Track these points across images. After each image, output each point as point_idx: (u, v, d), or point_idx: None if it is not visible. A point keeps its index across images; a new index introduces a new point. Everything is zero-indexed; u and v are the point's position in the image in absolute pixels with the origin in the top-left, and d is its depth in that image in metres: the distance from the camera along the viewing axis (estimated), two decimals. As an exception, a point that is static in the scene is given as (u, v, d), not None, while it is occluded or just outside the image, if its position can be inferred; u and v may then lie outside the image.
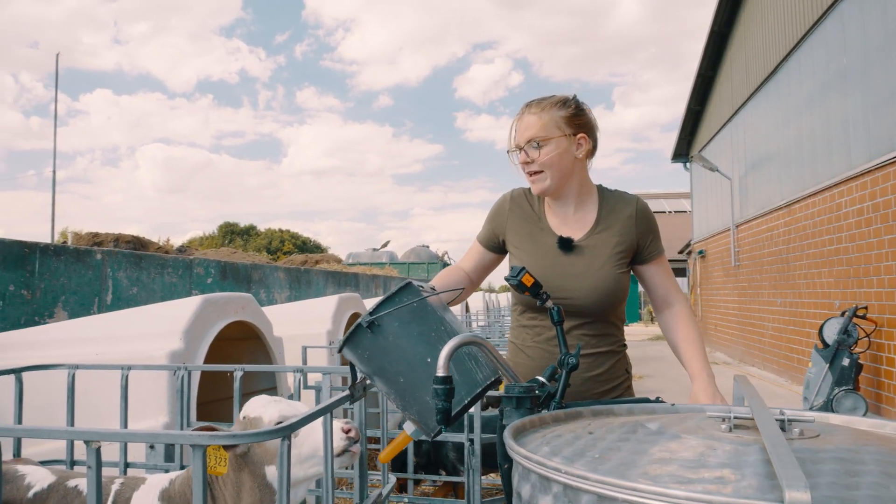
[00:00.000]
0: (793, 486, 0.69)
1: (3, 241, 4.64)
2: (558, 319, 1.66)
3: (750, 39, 12.54)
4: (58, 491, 2.12)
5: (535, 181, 1.93)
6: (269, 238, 43.45)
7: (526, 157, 1.90)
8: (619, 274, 1.92)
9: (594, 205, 2.00)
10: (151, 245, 15.46)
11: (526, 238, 2.01)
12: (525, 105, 1.95)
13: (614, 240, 1.94)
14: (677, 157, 18.99)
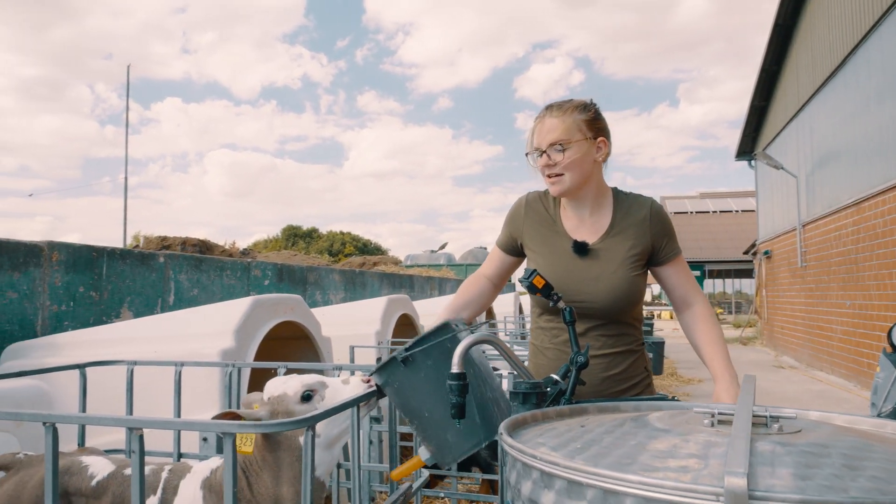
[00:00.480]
0: (732, 473, 0.73)
1: (73, 246, 4.94)
2: (570, 319, 1.71)
3: (816, 32, 12.10)
4: (116, 479, 2.27)
5: (554, 183, 1.95)
6: (330, 240, 44.29)
7: (548, 159, 1.93)
8: (633, 276, 1.94)
9: (609, 208, 2.03)
10: (216, 248, 16.01)
11: (542, 242, 2.05)
12: (546, 108, 1.98)
13: (629, 243, 1.96)
14: (741, 154, 18.46)
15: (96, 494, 2.23)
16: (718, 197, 37.25)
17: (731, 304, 34.17)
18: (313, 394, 2.10)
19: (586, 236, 1.99)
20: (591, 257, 1.96)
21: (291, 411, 2.08)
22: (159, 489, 2.25)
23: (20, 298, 4.59)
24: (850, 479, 0.80)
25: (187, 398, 3.11)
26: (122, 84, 22.08)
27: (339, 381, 2.14)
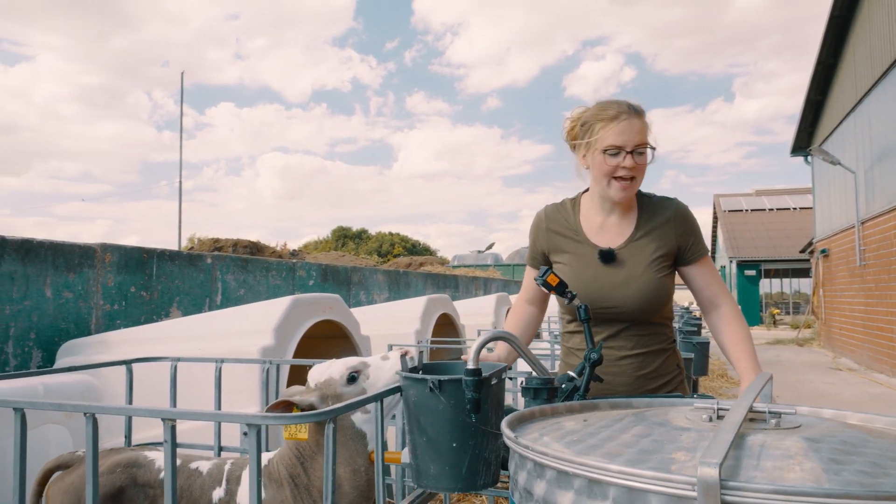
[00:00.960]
0: (706, 463, 0.73)
1: (125, 248, 5.14)
2: (585, 317, 1.71)
3: (874, 23, 11.67)
4: (182, 472, 2.38)
5: (626, 188, 1.90)
6: (379, 241, 44.75)
7: (633, 162, 1.87)
8: (660, 278, 1.94)
9: (634, 211, 2.02)
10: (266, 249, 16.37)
11: (566, 252, 2.04)
12: (629, 107, 1.90)
13: (654, 245, 1.95)
14: (797, 150, 17.92)
15: (162, 486, 2.32)
16: (775, 194, 36.22)
17: (788, 305, 33.17)
18: (358, 374, 2.17)
19: (610, 240, 1.99)
20: (616, 263, 1.95)
21: (340, 394, 2.15)
22: (223, 480, 2.36)
23: (75, 298, 4.80)
24: (833, 472, 0.80)
25: (228, 393, 3.21)
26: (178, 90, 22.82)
27: (378, 359, 2.21)
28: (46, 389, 3.29)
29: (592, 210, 2.04)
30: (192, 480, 2.36)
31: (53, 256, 4.67)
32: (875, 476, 0.78)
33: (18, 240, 4.43)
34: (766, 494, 0.72)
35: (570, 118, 2.05)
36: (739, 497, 0.73)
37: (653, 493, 0.80)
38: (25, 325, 4.45)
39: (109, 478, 2.33)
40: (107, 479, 2.33)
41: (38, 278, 4.56)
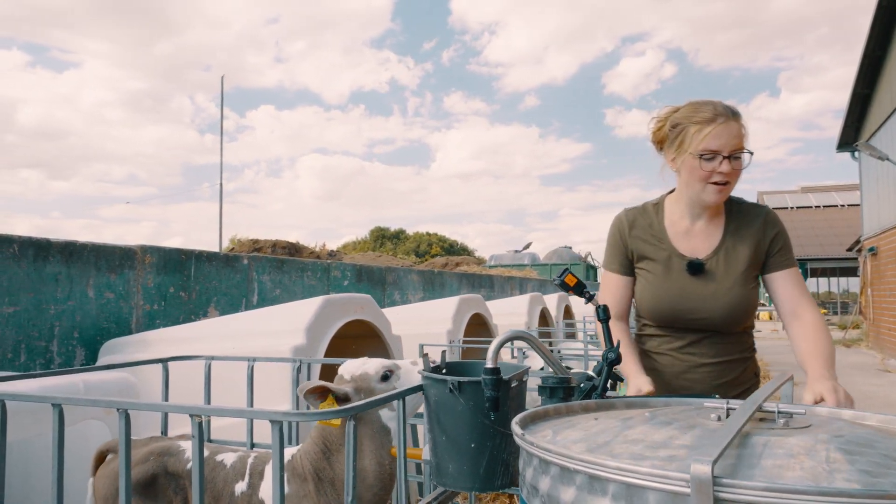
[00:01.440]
0: (699, 460, 0.74)
1: (164, 249, 5.28)
2: (603, 317, 1.70)
3: (922, 13, 11.30)
4: (208, 464, 2.45)
5: (721, 191, 1.84)
6: (417, 241, 44.94)
7: (730, 167, 1.80)
8: (749, 290, 1.90)
9: (722, 216, 1.95)
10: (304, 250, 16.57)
11: (650, 261, 1.99)
12: (725, 108, 1.84)
13: (742, 255, 1.90)
14: (843, 146, 17.46)
15: (189, 476, 2.40)
16: (821, 191, 35.33)
17: (836, 305, 32.30)
18: (391, 374, 2.25)
19: (697, 247, 1.93)
20: (705, 275, 1.90)
21: (372, 389, 2.22)
22: (246, 474, 2.43)
23: (116, 298, 4.94)
24: (833, 471, 0.79)
25: (261, 391, 3.28)
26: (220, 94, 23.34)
27: (409, 363, 2.29)
28: (86, 386, 3.40)
29: (678, 214, 1.98)
30: (216, 472, 2.42)
31: (96, 258, 4.82)
32: (876, 475, 0.77)
33: (62, 242, 4.58)
34: (758, 492, 0.71)
35: (657, 118, 1.97)
36: (732, 494, 0.73)
37: (650, 490, 0.80)
38: (69, 325, 4.61)
39: (143, 466, 2.42)
40: (140, 467, 2.42)
41: (81, 279, 4.71)
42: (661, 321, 1.98)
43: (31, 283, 4.31)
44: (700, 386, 1.93)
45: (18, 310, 4.22)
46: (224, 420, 3.54)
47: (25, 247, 4.27)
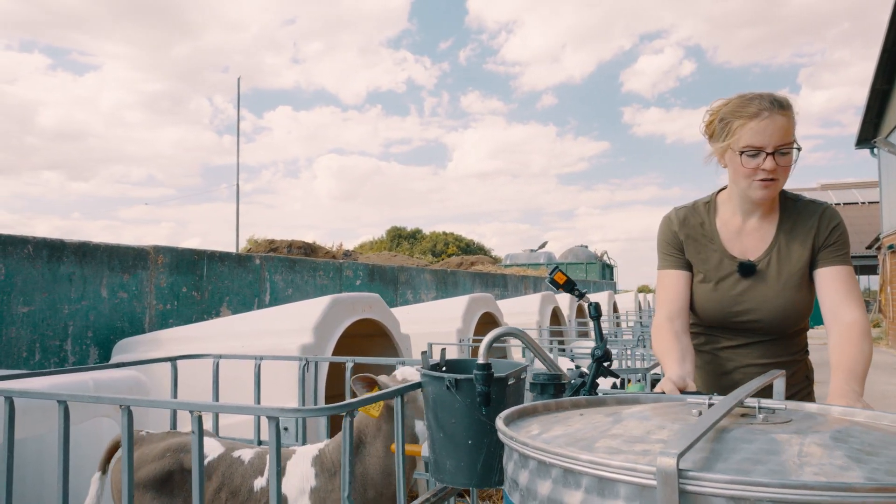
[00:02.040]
0: (666, 453, 0.74)
1: (176, 250, 5.34)
2: (594, 315, 1.69)
3: (941, 7, 11.14)
4: (225, 460, 2.50)
5: (768, 187, 1.75)
6: (433, 241, 44.95)
7: (774, 164, 1.72)
8: (803, 293, 1.83)
9: (776, 213, 1.89)
10: (320, 250, 16.64)
11: (701, 262, 1.92)
12: (771, 102, 1.74)
13: (795, 255, 1.83)
14: (862, 142, 17.26)
15: (206, 474, 2.44)
16: (841, 188, 34.93)
17: (855, 304, 31.81)
18: None
19: (749, 246, 1.88)
20: (757, 276, 1.85)
21: (416, 397, 2.33)
22: (266, 471, 2.46)
23: (129, 298, 5.01)
24: (804, 465, 0.79)
25: (268, 389, 3.31)
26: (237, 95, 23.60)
27: None
28: (96, 384, 3.45)
29: (730, 212, 1.92)
30: (234, 468, 2.46)
31: (109, 258, 4.88)
32: (845, 469, 0.77)
33: (76, 243, 4.65)
34: (722, 484, 0.72)
35: (709, 111, 1.89)
36: (697, 486, 0.73)
37: (620, 483, 0.80)
38: (83, 324, 4.67)
39: (159, 462, 2.46)
40: (157, 464, 2.46)
41: (95, 279, 4.77)
42: (710, 323, 1.92)
43: (45, 283, 4.37)
44: None
45: (33, 309, 4.29)
46: (232, 418, 3.58)
47: (40, 247, 4.34)
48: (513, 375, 1.64)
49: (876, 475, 0.74)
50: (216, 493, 2.42)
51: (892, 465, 0.78)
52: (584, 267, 25.68)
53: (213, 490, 2.42)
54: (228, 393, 3.54)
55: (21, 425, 2.47)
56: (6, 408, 1.98)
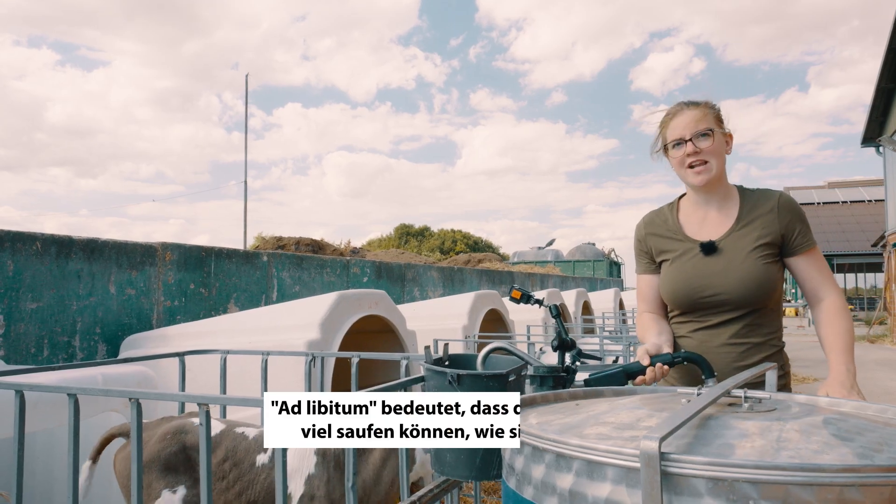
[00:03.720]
0: (649, 437, 0.78)
1: (184, 247, 5.39)
2: (556, 314, 1.79)
3: (948, 4, 11.10)
4: (229, 435, 2.62)
5: (700, 172, 1.98)
6: (441, 238, 44.99)
7: (694, 147, 1.97)
8: (763, 265, 1.94)
9: (736, 202, 2.06)
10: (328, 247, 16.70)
11: (669, 252, 2.09)
12: (678, 104, 2.05)
13: (756, 233, 1.97)
14: (867, 140, 17.21)
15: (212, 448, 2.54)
16: (848, 186, 34.79)
17: (863, 300, 31.79)
18: None
19: (711, 232, 2.03)
20: (718, 253, 1.99)
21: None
22: (270, 448, 2.56)
23: (137, 295, 5.07)
24: (781, 449, 0.83)
25: (275, 384, 3.36)
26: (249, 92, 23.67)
27: None
28: (105, 379, 3.50)
29: (691, 207, 2.11)
30: (238, 442, 2.58)
31: (117, 255, 4.94)
32: (819, 452, 0.81)
33: (84, 239, 4.71)
34: (701, 466, 0.76)
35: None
36: (678, 468, 0.77)
37: (608, 466, 0.85)
38: (91, 320, 4.73)
39: (160, 445, 2.55)
40: (159, 446, 2.55)
41: (103, 276, 4.83)
42: (682, 304, 2.05)
43: (53, 279, 4.43)
44: (721, 367, 1.96)
45: (42, 305, 4.35)
46: (240, 413, 3.63)
47: (48, 244, 4.40)
48: (513, 372, 1.69)
49: (846, 458, 0.78)
50: (220, 463, 2.54)
51: (864, 449, 0.82)
52: (592, 264, 25.68)
53: (218, 461, 2.54)
54: (235, 388, 3.60)
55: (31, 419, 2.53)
56: (17, 401, 2.03)
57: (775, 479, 0.72)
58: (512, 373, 1.69)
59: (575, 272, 23.77)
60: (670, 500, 0.78)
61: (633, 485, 0.82)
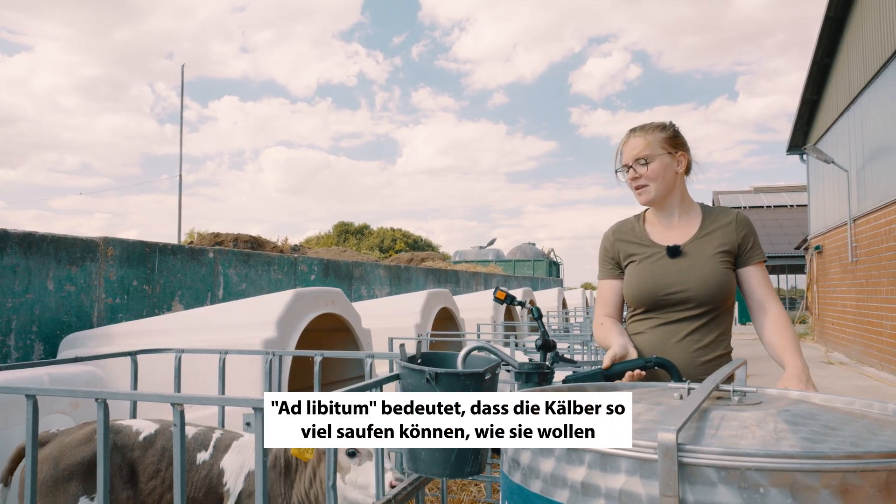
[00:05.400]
0: (665, 429, 0.84)
1: (127, 242, 5.23)
2: (538, 316, 1.87)
3: (867, 24, 11.78)
4: (164, 434, 2.56)
5: (641, 193, 2.19)
6: (381, 237, 44.76)
7: (634, 173, 2.18)
8: (724, 269, 2.12)
9: (698, 215, 2.25)
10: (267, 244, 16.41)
11: (636, 255, 2.25)
12: (630, 131, 2.25)
13: (717, 241, 2.16)
14: (793, 148, 18.05)
15: (145, 446, 2.52)
16: (773, 192, 36.33)
17: (785, 301, 33.33)
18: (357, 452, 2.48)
19: (676, 240, 2.20)
20: (682, 255, 2.16)
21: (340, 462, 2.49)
22: (210, 446, 2.55)
23: (77, 291, 4.89)
24: (781, 439, 0.90)
25: (231, 384, 3.31)
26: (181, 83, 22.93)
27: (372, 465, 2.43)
28: (52, 379, 3.38)
29: (656, 218, 2.28)
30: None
31: (56, 250, 4.76)
32: (815, 441, 0.88)
33: (21, 233, 4.52)
34: (717, 456, 0.82)
35: None
36: (694, 458, 0.83)
37: (622, 458, 0.90)
38: (27, 318, 4.55)
39: (85, 447, 2.47)
40: (82, 448, 2.46)
41: (41, 271, 4.65)
42: (646, 302, 2.19)
43: (-10, 275, 4.24)
44: (680, 362, 2.10)
45: (-22, 303, 4.16)
46: (195, 412, 3.56)
47: (-15, 239, 4.21)
48: (489, 371, 1.74)
49: (842, 446, 0.86)
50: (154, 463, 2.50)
51: (854, 438, 0.90)
52: (532, 264, 26.08)
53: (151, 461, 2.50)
54: (189, 389, 3.52)
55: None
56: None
57: (784, 467, 0.79)
58: (488, 371, 1.74)
59: (516, 272, 24.10)
60: (684, 489, 0.84)
61: (648, 475, 0.87)
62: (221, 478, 2.48)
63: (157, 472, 2.49)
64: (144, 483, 2.48)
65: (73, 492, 2.41)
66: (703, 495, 0.83)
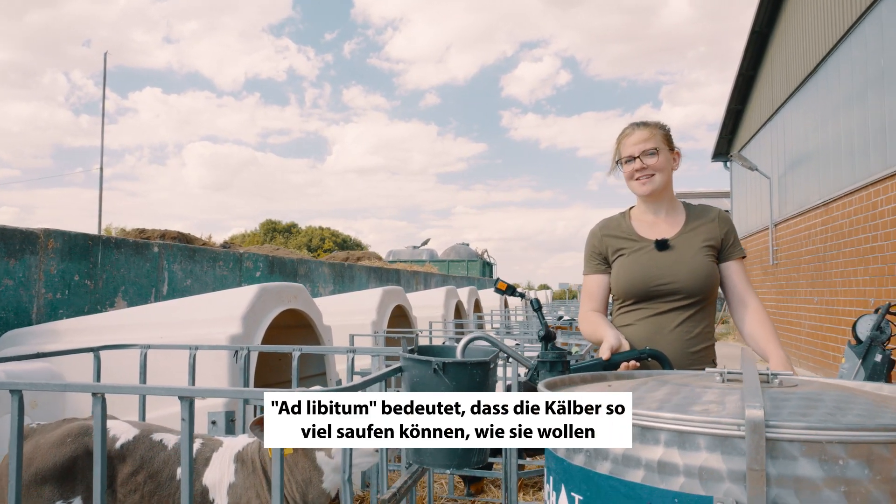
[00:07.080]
0: (751, 405, 0.90)
1: (68, 234, 5.01)
2: (537, 307, 1.95)
3: (790, 40, 12.47)
4: (144, 442, 2.38)
5: (645, 183, 2.27)
6: (309, 236, 44.12)
7: (641, 163, 2.27)
8: (710, 262, 2.25)
9: (681, 212, 2.37)
10: (196, 241, 15.93)
11: (623, 249, 2.34)
12: (632, 124, 2.34)
13: (702, 236, 2.28)
14: (717, 156, 18.92)
15: (121, 457, 2.33)
16: (695, 197, 37.84)
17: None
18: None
19: (662, 233, 2.30)
20: (670, 248, 2.27)
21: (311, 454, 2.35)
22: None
23: (16, 286, 4.65)
24: (840, 415, 0.98)
25: (198, 382, 3.23)
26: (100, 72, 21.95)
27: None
28: (8, 376, 3.22)
29: (641, 215, 2.38)
30: (155, 452, 2.36)
31: (-5, 242, 4.52)
32: (872, 417, 0.97)
33: (-39, 225, 4.26)
34: (801, 431, 0.89)
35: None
36: (779, 433, 0.90)
37: (701, 435, 0.96)
38: (-33, 313, 4.30)
39: (60, 449, 2.33)
40: (57, 450, 2.32)
41: (-19, 265, 4.40)
42: (635, 294, 2.29)
43: (-71, 267, 3.99)
44: (671, 351, 2.21)
45: (-84, 296, 3.90)
46: (155, 412, 3.46)
47: (-77, 229, 3.95)
48: (493, 359, 1.78)
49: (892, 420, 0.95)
50: (131, 476, 2.32)
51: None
52: (466, 264, 26.30)
53: (128, 473, 2.32)
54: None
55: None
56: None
57: (863, 439, 0.87)
58: (492, 360, 1.78)
59: (450, 271, 24.26)
60: (767, 464, 0.91)
61: (729, 451, 0.93)
62: (207, 495, 2.33)
63: (136, 488, 2.31)
64: (122, 497, 2.30)
65: (47, 496, 2.27)
66: (785, 468, 0.90)
